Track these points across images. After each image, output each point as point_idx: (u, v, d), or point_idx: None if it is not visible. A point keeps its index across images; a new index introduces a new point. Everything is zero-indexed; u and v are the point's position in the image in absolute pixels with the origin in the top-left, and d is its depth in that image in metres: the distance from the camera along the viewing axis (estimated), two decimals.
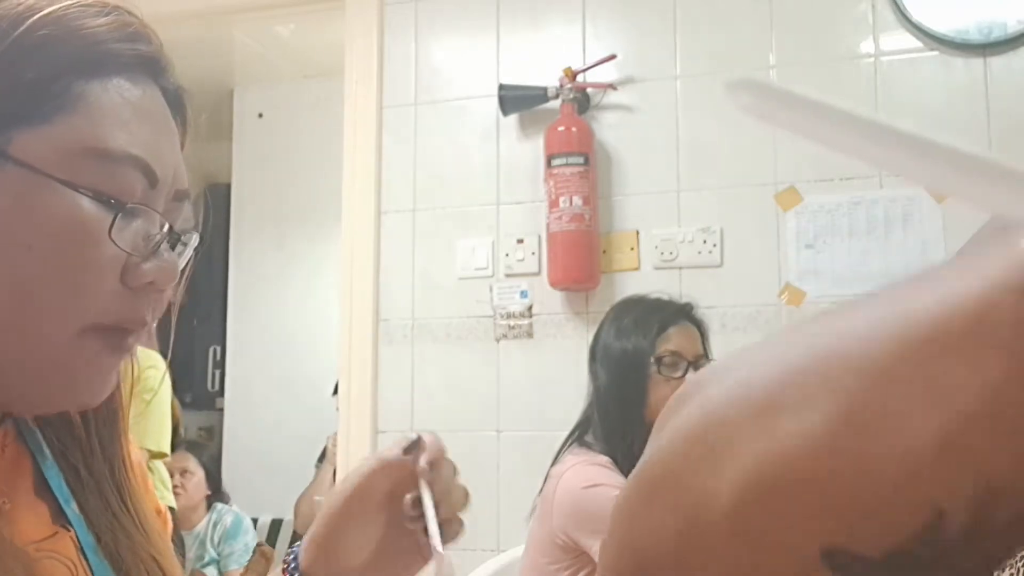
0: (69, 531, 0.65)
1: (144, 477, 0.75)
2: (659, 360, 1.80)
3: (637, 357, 1.80)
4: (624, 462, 1.75)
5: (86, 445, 0.69)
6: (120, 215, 0.60)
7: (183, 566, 0.74)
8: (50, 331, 0.60)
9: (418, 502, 0.74)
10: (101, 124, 0.60)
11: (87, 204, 0.59)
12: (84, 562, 0.64)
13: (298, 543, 0.77)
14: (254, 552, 3.52)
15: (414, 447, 0.75)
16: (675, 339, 1.83)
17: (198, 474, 3.47)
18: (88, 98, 0.60)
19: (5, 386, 0.61)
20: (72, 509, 0.65)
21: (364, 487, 0.75)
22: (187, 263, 0.67)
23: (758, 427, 0.30)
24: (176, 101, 0.68)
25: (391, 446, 0.77)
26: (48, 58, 0.60)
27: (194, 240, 0.68)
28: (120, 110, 0.62)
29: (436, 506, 0.73)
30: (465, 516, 0.78)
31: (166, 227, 0.64)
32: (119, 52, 0.63)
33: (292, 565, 0.75)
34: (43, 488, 0.65)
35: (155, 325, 0.65)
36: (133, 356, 0.68)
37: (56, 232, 0.59)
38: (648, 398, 1.78)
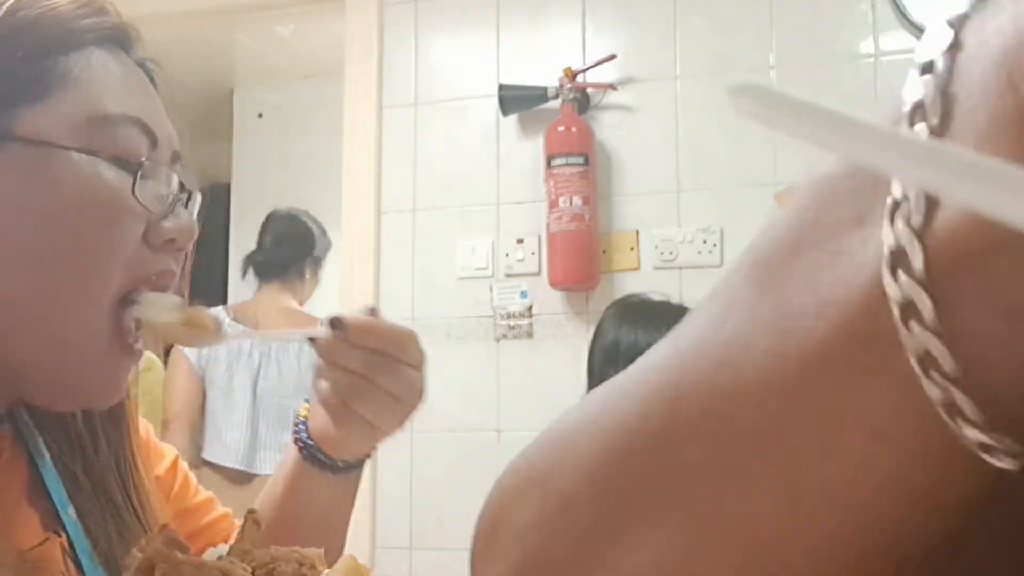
0: (60, 537, 0.64)
1: (148, 458, 0.74)
2: None
3: None
4: None
5: (88, 445, 0.68)
6: (139, 175, 0.61)
7: None
8: (83, 307, 0.60)
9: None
10: (95, 92, 0.62)
11: (106, 169, 0.60)
12: (75, 568, 0.63)
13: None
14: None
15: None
16: None
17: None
18: (76, 71, 0.61)
19: (33, 378, 0.61)
20: (69, 515, 0.65)
21: None
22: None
23: (599, 566, 0.26)
24: (147, 70, 0.69)
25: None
26: (32, 37, 0.61)
27: (199, 198, 0.68)
28: (107, 79, 0.63)
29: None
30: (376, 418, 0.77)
31: (176, 184, 0.64)
32: (90, 27, 0.64)
33: (302, 428, 0.79)
34: (38, 492, 0.65)
35: (179, 284, 0.66)
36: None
37: (79, 201, 0.59)
38: None
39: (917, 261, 0.20)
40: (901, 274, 0.20)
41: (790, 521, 0.23)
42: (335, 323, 0.71)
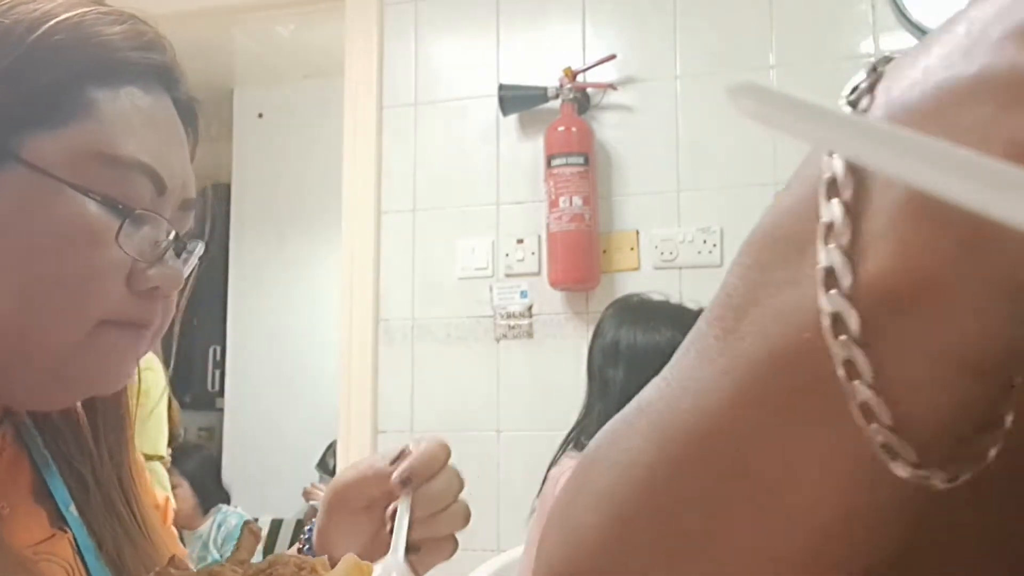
0: (67, 532, 0.64)
1: (143, 477, 0.75)
2: None
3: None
4: None
5: (94, 453, 0.69)
6: (128, 221, 0.60)
7: None
8: (57, 332, 0.60)
9: (395, 513, 0.73)
10: (112, 131, 0.61)
11: (95, 208, 0.60)
12: (81, 564, 0.64)
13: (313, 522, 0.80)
14: (242, 530, 3.51)
15: (399, 459, 0.74)
16: None
17: (182, 485, 3.47)
18: (100, 105, 0.61)
19: (15, 383, 0.61)
20: (72, 512, 0.65)
21: (348, 491, 0.77)
22: (192, 270, 0.68)
23: None
24: (187, 111, 0.68)
25: (385, 454, 0.76)
26: (62, 64, 0.60)
27: (199, 248, 0.68)
28: (131, 118, 0.62)
29: (419, 521, 0.72)
30: (460, 535, 0.78)
31: (172, 234, 0.64)
32: (133, 60, 0.63)
33: (307, 545, 0.78)
34: (42, 491, 0.65)
35: (164, 330, 0.66)
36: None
37: (63, 235, 0.59)
38: None
39: (853, 323, 0.23)
40: (839, 327, 0.23)
41: (767, 541, 0.27)
42: (406, 481, 0.73)
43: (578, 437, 1.85)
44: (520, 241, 2.48)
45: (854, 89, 0.27)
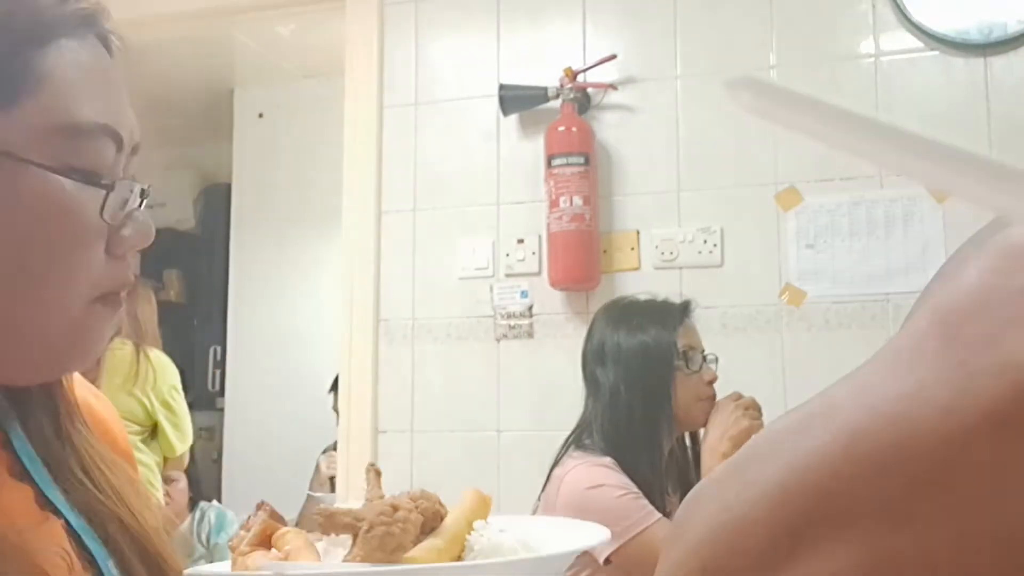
0: (60, 519, 0.63)
1: (122, 450, 0.73)
2: (683, 354, 1.82)
3: (661, 351, 1.81)
4: (638, 460, 1.75)
5: (48, 426, 0.67)
6: (110, 193, 0.60)
7: None
8: (52, 314, 0.60)
9: None
10: (67, 98, 0.60)
11: (69, 185, 0.59)
12: (75, 548, 0.62)
13: None
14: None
15: None
16: (688, 334, 1.86)
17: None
18: (49, 72, 0.60)
19: (5, 362, 0.61)
20: (55, 494, 0.63)
21: None
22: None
23: None
24: (113, 47, 0.67)
25: None
26: (2, 36, 0.59)
27: (145, 191, 0.67)
28: (78, 79, 0.61)
29: None
30: None
31: (137, 190, 0.64)
32: (64, 15, 0.62)
33: None
34: (24, 474, 0.63)
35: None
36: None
37: (42, 216, 0.59)
38: (675, 391, 1.80)
39: None
40: None
41: (962, 559, 0.25)
42: None
43: (579, 437, 1.85)
44: (520, 241, 2.48)
45: None
